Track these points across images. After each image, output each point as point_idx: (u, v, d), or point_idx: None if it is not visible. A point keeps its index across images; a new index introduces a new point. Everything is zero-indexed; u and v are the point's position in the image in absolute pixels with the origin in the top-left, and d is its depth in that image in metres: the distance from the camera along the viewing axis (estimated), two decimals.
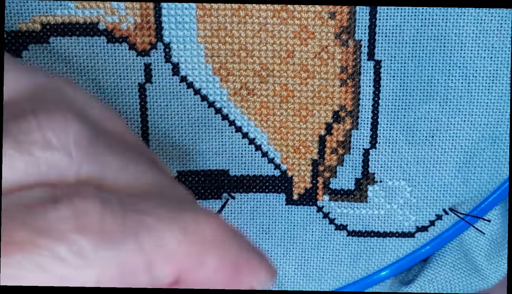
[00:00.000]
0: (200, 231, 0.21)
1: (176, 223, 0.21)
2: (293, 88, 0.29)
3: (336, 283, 0.31)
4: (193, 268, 0.21)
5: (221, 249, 0.22)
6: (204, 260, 0.21)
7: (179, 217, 0.21)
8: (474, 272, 0.31)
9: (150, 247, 0.20)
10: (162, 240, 0.20)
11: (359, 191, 0.30)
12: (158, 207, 0.21)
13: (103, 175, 0.22)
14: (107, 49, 0.28)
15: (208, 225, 0.22)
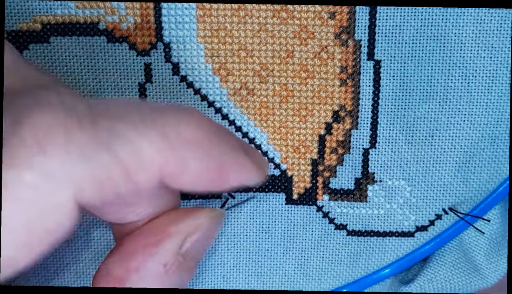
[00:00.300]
0: (180, 134, 0.20)
1: (153, 128, 0.20)
2: (292, 88, 0.29)
3: (336, 283, 0.31)
4: (176, 173, 0.20)
5: (204, 151, 0.21)
6: (187, 165, 0.20)
7: (156, 121, 0.20)
8: (473, 271, 0.31)
9: (126, 156, 0.19)
10: (139, 148, 0.19)
11: (359, 190, 0.30)
12: (132, 111, 0.20)
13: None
14: (107, 49, 0.28)
15: (188, 126, 0.20)
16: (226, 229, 0.31)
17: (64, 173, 0.18)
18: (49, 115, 0.18)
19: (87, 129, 0.19)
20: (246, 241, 0.31)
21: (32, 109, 0.19)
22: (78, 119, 0.19)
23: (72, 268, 0.30)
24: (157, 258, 0.24)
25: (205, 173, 0.21)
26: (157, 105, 0.21)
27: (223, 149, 0.22)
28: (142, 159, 0.19)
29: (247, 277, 0.31)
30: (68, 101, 0.19)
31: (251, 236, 0.31)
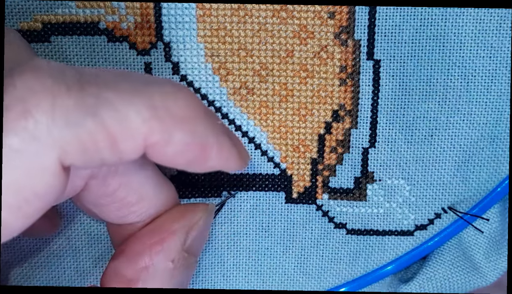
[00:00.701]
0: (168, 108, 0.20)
1: (141, 98, 0.20)
2: (292, 87, 0.29)
3: (336, 281, 0.31)
4: (160, 145, 0.20)
5: (190, 127, 0.21)
6: (171, 137, 0.21)
7: (144, 91, 0.20)
8: (472, 270, 0.31)
9: (112, 123, 0.19)
10: (125, 116, 0.20)
11: (358, 189, 0.30)
12: (121, 80, 0.20)
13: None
14: (108, 48, 0.28)
15: (177, 101, 0.21)
16: (226, 227, 0.31)
17: (49, 136, 0.18)
18: (36, 80, 0.19)
19: (74, 95, 0.19)
20: (246, 240, 0.31)
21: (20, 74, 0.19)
22: (66, 85, 0.19)
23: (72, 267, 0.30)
24: (165, 255, 0.24)
25: (188, 148, 0.21)
26: (148, 77, 0.22)
27: (208, 129, 0.22)
28: (128, 127, 0.20)
29: (247, 276, 0.31)
30: (57, 67, 0.19)
31: (251, 234, 0.31)
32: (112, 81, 0.20)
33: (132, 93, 0.20)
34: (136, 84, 0.20)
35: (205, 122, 0.22)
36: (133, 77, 0.21)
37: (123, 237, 0.26)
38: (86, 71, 0.20)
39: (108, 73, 0.20)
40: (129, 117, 0.20)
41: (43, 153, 0.19)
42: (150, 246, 0.25)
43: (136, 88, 0.20)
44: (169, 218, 0.26)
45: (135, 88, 0.20)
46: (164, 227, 0.25)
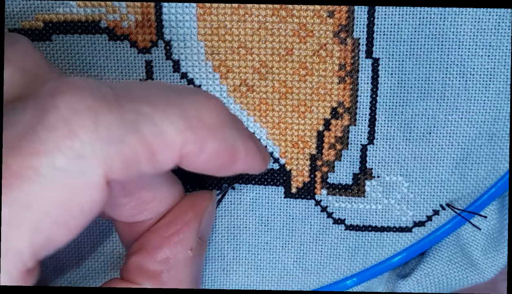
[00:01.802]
0: (200, 118, 0.21)
1: (175, 110, 0.21)
2: (292, 85, 0.29)
3: (334, 276, 0.32)
4: (193, 154, 0.21)
5: (221, 135, 0.22)
6: (204, 146, 0.21)
7: (177, 103, 0.21)
8: (470, 266, 0.31)
9: (151, 137, 0.20)
10: (163, 129, 0.20)
11: (357, 185, 0.31)
12: (154, 93, 0.21)
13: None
14: (109, 46, 0.28)
15: (208, 111, 0.22)
16: (225, 221, 0.31)
17: (94, 154, 0.19)
18: (78, 100, 0.19)
19: (114, 112, 0.19)
20: (246, 234, 0.31)
21: (59, 94, 0.19)
22: (106, 102, 0.19)
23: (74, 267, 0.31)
24: (183, 245, 0.26)
25: (219, 155, 0.22)
26: (178, 88, 0.22)
27: (236, 134, 0.23)
28: (165, 139, 0.20)
29: (246, 270, 0.32)
30: (93, 84, 0.20)
31: (250, 228, 0.31)
32: (145, 95, 0.21)
33: (167, 106, 0.21)
34: (168, 96, 0.21)
35: (234, 128, 0.23)
36: (165, 89, 0.22)
37: (134, 234, 0.27)
38: (119, 87, 0.21)
39: (140, 87, 0.21)
40: (166, 131, 0.20)
41: (90, 171, 0.19)
42: (168, 238, 0.26)
43: (169, 100, 0.21)
44: (181, 210, 0.27)
45: (168, 101, 0.21)
46: (178, 219, 0.26)
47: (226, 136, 0.22)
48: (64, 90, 0.19)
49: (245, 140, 0.23)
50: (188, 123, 0.21)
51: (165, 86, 0.22)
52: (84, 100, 0.19)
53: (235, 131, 0.23)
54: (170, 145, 0.21)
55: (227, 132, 0.22)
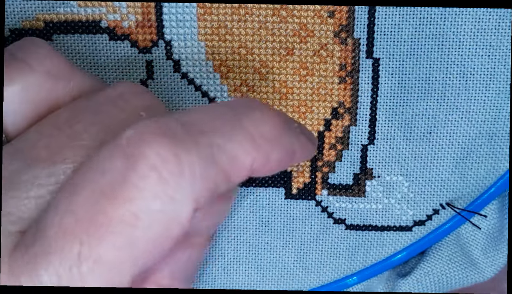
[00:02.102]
0: (262, 134, 0.23)
1: (240, 134, 0.22)
2: (292, 85, 0.29)
3: (335, 275, 0.32)
4: (260, 167, 0.23)
5: (281, 143, 0.23)
6: (268, 159, 0.23)
7: (240, 126, 0.22)
8: (470, 265, 0.32)
9: (227, 165, 0.22)
10: (234, 155, 0.22)
11: (357, 185, 0.31)
12: (218, 120, 0.22)
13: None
14: (109, 46, 0.28)
15: (266, 125, 0.23)
16: (226, 222, 0.31)
17: (185, 194, 0.20)
18: (162, 147, 0.20)
19: (194, 151, 0.21)
20: (246, 234, 0.31)
21: (145, 145, 0.20)
22: (183, 143, 0.21)
23: None
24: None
25: (282, 161, 0.24)
26: (232, 105, 0.23)
27: (292, 136, 0.24)
28: (237, 164, 0.22)
29: (247, 269, 0.32)
30: (169, 126, 0.21)
31: (251, 229, 0.31)
32: (210, 123, 0.22)
33: (232, 131, 0.22)
34: (229, 120, 0.22)
35: (288, 131, 0.24)
36: (221, 111, 0.23)
37: None
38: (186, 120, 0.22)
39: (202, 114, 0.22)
40: (237, 155, 0.22)
41: (181, 209, 0.20)
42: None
43: (231, 123, 0.22)
44: None
45: (231, 124, 0.22)
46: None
47: (285, 142, 0.24)
48: (149, 140, 0.20)
49: (299, 137, 0.25)
50: (253, 143, 0.22)
51: (220, 108, 0.23)
52: (168, 147, 0.20)
53: (290, 132, 0.24)
54: (241, 167, 0.22)
55: (285, 138, 0.24)
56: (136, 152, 0.20)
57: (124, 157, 0.20)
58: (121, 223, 0.20)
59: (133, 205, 0.20)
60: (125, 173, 0.20)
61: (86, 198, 0.20)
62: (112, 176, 0.20)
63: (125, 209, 0.20)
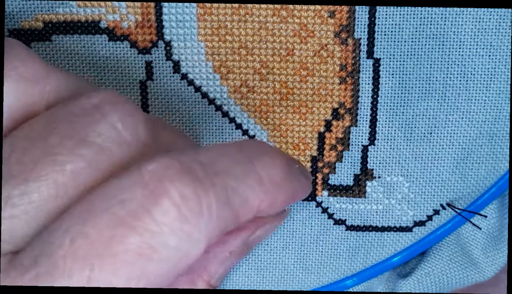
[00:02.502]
0: (271, 178, 0.24)
1: (252, 177, 0.23)
2: (292, 86, 0.29)
3: (335, 276, 0.32)
4: (266, 209, 0.24)
5: (287, 187, 0.24)
6: (275, 202, 0.24)
7: (252, 170, 0.23)
8: (470, 265, 0.31)
9: (238, 208, 0.22)
10: (246, 197, 0.22)
11: (358, 186, 0.31)
12: (233, 163, 0.23)
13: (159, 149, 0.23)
14: (109, 47, 0.28)
15: (275, 169, 0.24)
16: None
17: (201, 234, 0.21)
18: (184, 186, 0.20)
19: (211, 192, 0.21)
20: None
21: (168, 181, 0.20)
22: (203, 184, 0.21)
23: None
24: (227, 246, 0.26)
25: (286, 203, 0.25)
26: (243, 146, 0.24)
27: (295, 179, 0.25)
28: (248, 206, 0.23)
29: (247, 271, 0.32)
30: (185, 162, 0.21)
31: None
32: (226, 165, 0.22)
33: (245, 174, 0.23)
34: (242, 163, 0.23)
35: (293, 173, 0.25)
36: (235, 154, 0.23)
37: None
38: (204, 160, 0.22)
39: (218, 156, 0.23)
40: (248, 198, 0.22)
41: (195, 248, 0.21)
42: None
43: (244, 166, 0.23)
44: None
45: (243, 167, 0.23)
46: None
47: (290, 186, 0.25)
48: (171, 176, 0.20)
49: (300, 179, 0.26)
50: (263, 187, 0.23)
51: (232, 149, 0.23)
52: (189, 185, 0.21)
53: (293, 176, 0.25)
54: (250, 209, 0.23)
55: (289, 181, 0.24)
56: (159, 187, 0.20)
57: (146, 189, 0.20)
58: (137, 254, 0.20)
59: (152, 238, 0.20)
60: (146, 206, 0.20)
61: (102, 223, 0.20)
62: (132, 206, 0.20)
63: (143, 241, 0.20)
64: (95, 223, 0.20)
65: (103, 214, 0.20)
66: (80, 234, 0.19)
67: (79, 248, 0.19)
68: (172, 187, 0.20)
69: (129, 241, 0.20)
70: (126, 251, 0.20)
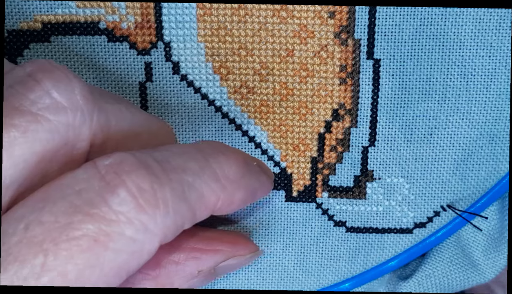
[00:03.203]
0: (226, 176, 0.24)
1: (208, 174, 0.23)
2: (292, 86, 0.29)
3: (335, 278, 0.32)
4: (224, 207, 0.24)
5: (244, 184, 0.25)
6: (233, 199, 0.24)
7: (207, 167, 0.24)
8: (471, 267, 0.31)
9: (195, 203, 0.23)
10: (202, 193, 0.23)
11: (358, 188, 0.30)
12: (188, 160, 0.23)
13: (108, 121, 0.24)
14: (108, 48, 0.28)
15: (230, 168, 0.24)
16: (226, 226, 0.31)
17: (156, 226, 0.21)
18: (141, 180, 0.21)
19: (167, 187, 0.22)
20: None
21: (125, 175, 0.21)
22: (159, 179, 0.22)
23: None
24: (197, 264, 0.27)
25: (245, 201, 0.25)
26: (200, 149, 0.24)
27: (253, 176, 0.26)
28: (204, 202, 0.23)
29: (246, 273, 0.31)
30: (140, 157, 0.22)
31: (251, 232, 0.31)
32: (182, 162, 0.23)
33: (201, 171, 0.23)
34: (198, 160, 0.23)
35: (250, 172, 0.26)
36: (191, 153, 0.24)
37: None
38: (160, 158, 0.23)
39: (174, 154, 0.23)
40: (205, 194, 0.23)
41: (150, 240, 0.21)
42: (192, 249, 0.27)
43: (200, 163, 0.23)
44: (222, 237, 0.28)
45: (200, 164, 0.23)
46: (213, 241, 0.28)
47: (247, 183, 0.25)
48: (127, 169, 0.21)
49: (259, 177, 0.26)
50: (219, 183, 0.24)
51: (189, 148, 0.24)
52: (146, 179, 0.21)
53: (251, 173, 0.26)
54: (207, 205, 0.23)
55: (247, 179, 0.25)
56: (115, 178, 0.21)
57: (102, 181, 0.21)
58: (93, 241, 0.20)
59: (108, 226, 0.20)
60: (103, 195, 0.20)
61: (58, 211, 0.20)
62: (89, 195, 0.20)
63: (99, 228, 0.20)
64: (51, 211, 0.20)
65: (59, 202, 0.20)
66: (35, 221, 0.20)
67: (34, 235, 0.19)
68: (128, 179, 0.21)
69: (85, 227, 0.20)
70: (82, 237, 0.20)
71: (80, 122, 0.22)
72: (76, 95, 0.22)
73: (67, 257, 0.19)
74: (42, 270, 0.19)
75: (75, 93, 0.22)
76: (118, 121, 0.24)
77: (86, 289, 0.25)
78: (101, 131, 0.23)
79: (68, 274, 0.19)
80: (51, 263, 0.19)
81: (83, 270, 0.20)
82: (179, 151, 0.24)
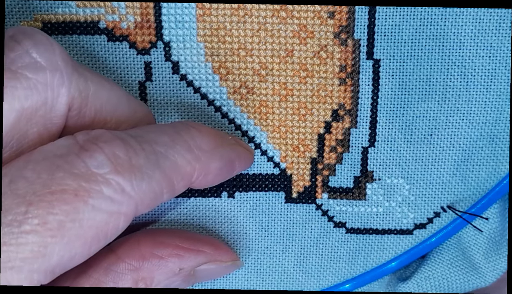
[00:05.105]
0: (199, 147, 0.25)
1: (180, 145, 0.25)
2: (292, 87, 0.29)
3: (335, 279, 0.31)
4: (202, 177, 0.26)
5: (218, 154, 0.26)
6: (208, 169, 0.26)
7: (179, 138, 0.25)
8: (471, 269, 0.31)
9: (170, 171, 0.24)
10: (177, 163, 0.24)
11: (358, 188, 0.30)
12: (160, 134, 0.25)
13: (87, 87, 0.24)
14: (108, 47, 0.28)
15: (202, 139, 0.26)
16: (225, 227, 0.31)
17: (133, 189, 0.22)
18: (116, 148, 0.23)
19: (141, 155, 0.23)
20: (246, 239, 0.31)
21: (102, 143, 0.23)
22: (133, 148, 0.23)
23: None
24: (180, 261, 0.27)
25: (221, 171, 0.26)
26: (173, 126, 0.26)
27: (228, 147, 0.27)
28: (180, 171, 0.24)
29: (246, 274, 0.31)
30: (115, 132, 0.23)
31: (251, 234, 0.31)
32: (154, 136, 0.24)
33: (173, 142, 0.24)
34: (169, 134, 0.25)
35: (224, 143, 0.27)
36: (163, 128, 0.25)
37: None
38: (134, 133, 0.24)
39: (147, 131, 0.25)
40: (179, 164, 0.24)
41: (127, 202, 0.22)
42: (176, 247, 0.27)
43: (172, 136, 0.25)
44: (206, 240, 0.29)
45: (171, 137, 0.25)
46: (197, 242, 0.28)
47: (222, 153, 0.26)
48: (103, 140, 0.23)
49: (235, 147, 0.27)
50: (192, 154, 0.25)
51: (162, 126, 0.26)
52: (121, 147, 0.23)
53: (225, 144, 0.27)
54: (184, 175, 0.24)
55: (221, 149, 0.26)
56: (93, 146, 0.22)
57: (81, 149, 0.22)
58: (74, 195, 0.21)
59: (87, 183, 0.21)
60: (83, 158, 0.22)
61: (41, 168, 0.21)
62: (70, 157, 0.22)
63: (79, 184, 0.21)
64: (34, 169, 0.21)
65: (42, 162, 0.21)
66: (19, 176, 0.21)
67: (18, 188, 0.21)
68: (105, 146, 0.22)
69: (66, 183, 0.21)
70: (63, 191, 0.21)
71: (59, 83, 0.23)
72: (55, 56, 0.23)
73: (48, 207, 0.21)
74: (24, 218, 0.20)
75: (55, 54, 0.23)
76: (97, 90, 0.25)
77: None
78: (80, 95, 0.24)
79: (48, 223, 0.21)
80: (33, 212, 0.20)
81: (63, 222, 0.21)
82: (152, 128, 0.25)
